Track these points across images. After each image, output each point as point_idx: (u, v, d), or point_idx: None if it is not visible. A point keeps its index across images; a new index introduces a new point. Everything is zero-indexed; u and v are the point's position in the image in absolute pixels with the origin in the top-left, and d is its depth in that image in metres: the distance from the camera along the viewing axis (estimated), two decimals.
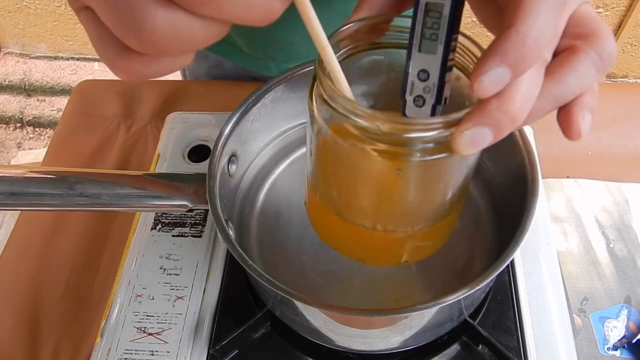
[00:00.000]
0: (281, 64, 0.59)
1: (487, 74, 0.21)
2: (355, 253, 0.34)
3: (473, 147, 0.22)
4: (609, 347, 0.42)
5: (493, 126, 0.22)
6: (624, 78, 1.60)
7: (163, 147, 0.53)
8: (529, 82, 0.22)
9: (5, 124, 1.60)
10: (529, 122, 0.24)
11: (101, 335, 0.42)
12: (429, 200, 0.29)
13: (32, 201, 0.36)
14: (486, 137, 0.22)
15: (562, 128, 0.25)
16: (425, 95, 0.25)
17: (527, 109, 0.22)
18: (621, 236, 0.48)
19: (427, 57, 0.24)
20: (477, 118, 0.22)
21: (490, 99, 0.22)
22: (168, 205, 0.38)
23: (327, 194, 0.31)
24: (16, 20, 1.68)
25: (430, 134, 0.24)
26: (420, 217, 0.30)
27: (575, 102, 0.24)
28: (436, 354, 0.41)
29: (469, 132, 0.22)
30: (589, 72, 0.24)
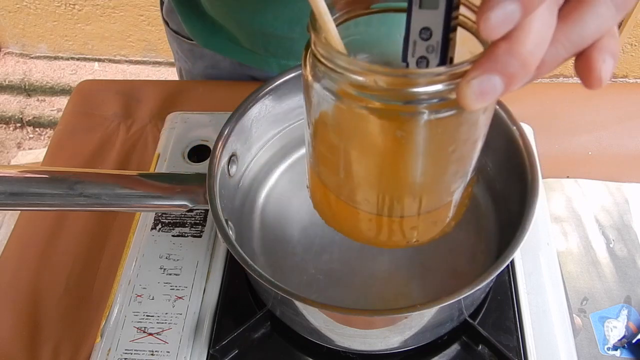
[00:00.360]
0: (281, 60, 0.59)
1: (495, 11, 0.18)
2: (362, 235, 0.31)
3: (482, 99, 0.20)
4: (609, 347, 0.42)
5: (503, 73, 0.20)
6: (624, 78, 1.60)
7: (163, 147, 0.53)
8: (541, 21, 0.20)
9: (5, 124, 1.60)
10: (543, 72, 0.22)
11: (101, 335, 0.42)
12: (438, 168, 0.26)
13: (32, 201, 0.36)
14: (496, 87, 0.20)
15: (581, 76, 0.22)
16: (429, 55, 0.23)
17: (539, 52, 0.20)
18: (621, 236, 0.48)
19: (428, 14, 0.22)
20: (485, 64, 0.20)
21: (499, 42, 0.20)
22: (168, 205, 0.38)
23: (328, 172, 0.29)
24: (16, 20, 1.68)
25: (434, 88, 0.21)
26: (429, 191, 0.27)
27: (595, 46, 0.22)
28: (436, 354, 0.41)
29: (476, 81, 0.20)
30: (607, 12, 0.21)
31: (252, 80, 0.64)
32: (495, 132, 0.40)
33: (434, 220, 0.30)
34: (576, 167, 0.53)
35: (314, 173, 0.31)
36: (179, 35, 0.64)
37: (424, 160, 0.26)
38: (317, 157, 0.29)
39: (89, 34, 1.69)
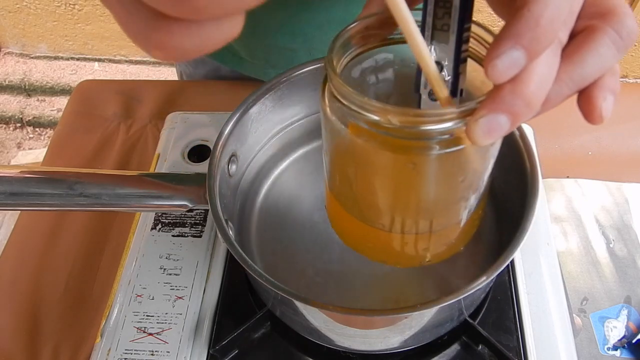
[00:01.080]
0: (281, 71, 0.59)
1: (501, 58, 0.20)
2: (377, 255, 0.33)
3: (489, 136, 0.21)
4: (609, 347, 0.42)
5: (508, 112, 0.21)
6: (624, 78, 1.60)
7: (163, 147, 0.53)
8: (544, 64, 0.21)
9: (5, 124, 1.60)
10: (547, 108, 0.23)
11: (101, 335, 0.42)
12: (448, 196, 0.28)
13: (32, 201, 0.36)
14: (502, 125, 0.21)
15: (584, 112, 0.24)
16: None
17: (543, 93, 0.21)
18: (621, 236, 0.48)
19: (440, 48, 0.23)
20: (491, 105, 0.21)
21: (504, 84, 0.21)
22: (168, 205, 0.38)
23: (345, 195, 0.31)
24: (16, 20, 1.68)
25: (444, 126, 0.23)
26: (441, 215, 0.29)
27: (596, 84, 0.23)
28: (436, 354, 0.41)
29: (483, 120, 0.21)
30: (608, 52, 0.22)
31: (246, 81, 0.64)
32: None
33: (446, 241, 0.31)
34: (576, 167, 0.53)
35: (331, 195, 0.32)
36: None
37: (435, 189, 0.27)
38: (333, 179, 0.31)
39: (89, 34, 1.69)
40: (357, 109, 0.24)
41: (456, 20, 0.22)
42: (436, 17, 0.23)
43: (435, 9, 0.23)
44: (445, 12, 0.23)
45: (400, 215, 0.29)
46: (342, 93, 0.24)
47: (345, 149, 0.27)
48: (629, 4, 1.37)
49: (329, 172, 0.31)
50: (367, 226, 0.30)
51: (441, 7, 0.23)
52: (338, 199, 0.31)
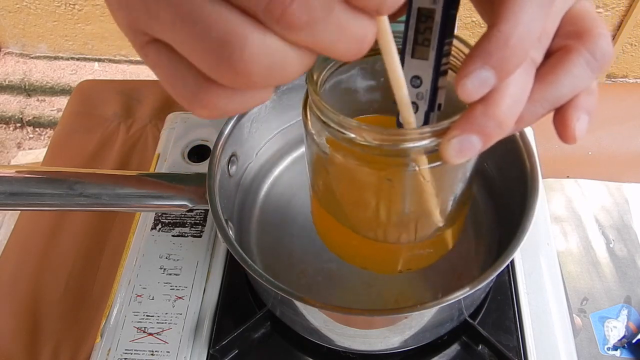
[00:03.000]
0: None
1: (470, 77, 0.20)
2: (358, 261, 0.34)
3: (462, 155, 0.22)
4: (609, 347, 0.42)
5: (480, 133, 0.21)
6: (624, 78, 1.60)
7: (163, 147, 0.53)
8: (516, 84, 0.21)
9: (5, 124, 1.60)
10: (521, 127, 0.23)
11: (101, 335, 0.42)
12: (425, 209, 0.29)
13: (32, 201, 0.36)
14: (474, 145, 0.21)
15: (558, 131, 0.24)
16: (419, 101, 0.24)
17: (515, 113, 0.21)
18: (621, 236, 0.48)
19: (419, 63, 0.24)
20: (463, 125, 0.21)
21: (476, 104, 0.21)
22: (168, 205, 0.38)
23: (327, 204, 0.31)
24: (16, 20, 1.68)
25: (419, 144, 0.23)
26: (420, 227, 0.30)
27: (570, 104, 0.23)
28: (436, 354, 0.41)
29: (455, 140, 0.21)
30: (582, 73, 0.23)
31: None
32: None
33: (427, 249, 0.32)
34: (576, 167, 0.53)
35: (315, 201, 0.33)
36: None
37: (412, 203, 0.28)
38: (316, 188, 0.32)
39: (89, 34, 1.69)
40: (335, 126, 0.24)
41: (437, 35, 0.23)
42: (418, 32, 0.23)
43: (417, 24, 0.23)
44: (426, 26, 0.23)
45: (380, 225, 0.30)
46: (320, 109, 0.25)
47: (325, 161, 0.27)
48: (628, 4, 1.37)
49: (312, 180, 0.32)
50: (348, 234, 0.31)
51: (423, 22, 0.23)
52: (321, 205, 0.32)
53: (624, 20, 1.41)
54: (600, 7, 1.39)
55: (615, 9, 1.40)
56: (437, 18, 0.22)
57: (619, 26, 1.44)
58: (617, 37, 1.46)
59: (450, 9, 0.22)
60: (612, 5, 1.38)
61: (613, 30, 1.46)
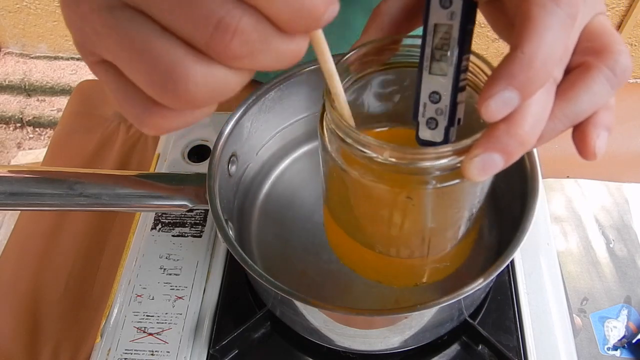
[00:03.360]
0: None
1: (494, 98, 0.20)
2: (372, 275, 0.34)
3: (484, 173, 0.22)
4: (609, 347, 0.42)
5: (502, 151, 0.21)
6: None
7: (163, 147, 0.53)
8: (538, 104, 0.21)
9: (5, 124, 1.60)
10: (541, 143, 0.24)
11: (101, 335, 0.42)
12: (443, 226, 0.29)
13: (32, 201, 0.36)
14: (496, 163, 0.21)
15: (578, 148, 0.24)
16: (438, 117, 0.24)
17: (537, 132, 0.22)
18: (621, 236, 0.48)
19: (437, 79, 0.24)
20: (486, 144, 0.21)
21: (499, 123, 0.21)
22: (168, 205, 0.38)
23: (341, 217, 0.31)
24: (16, 20, 1.68)
25: (440, 162, 0.23)
26: (435, 242, 0.30)
27: (590, 121, 0.24)
28: (436, 354, 0.41)
29: (478, 159, 0.21)
30: (602, 89, 0.23)
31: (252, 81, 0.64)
32: None
33: (441, 263, 0.32)
34: (576, 167, 0.53)
35: (328, 213, 0.33)
36: None
37: (430, 220, 0.28)
38: (330, 200, 0.32)
39: None
40: (353, 143, 0.24)
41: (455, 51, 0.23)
42: (435, 48, 0.23)
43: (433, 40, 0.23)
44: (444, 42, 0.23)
45: (395, 243, 0.30)
46: (338, 126, 0.24)
47: (341, 178, 0.27)
48: (628, 4, 1.37)
49: (326, 193, 0.31)
50: (362, 249, 0.31)
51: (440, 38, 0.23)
52: (335, 219, 0.32)
53: (624, 20, 1.41)
54: None
55: (615, 9, 1.40)
56: (454, 34, 0.22)
57: (619, 26, 1.44)
58: None
59: (468, 24, 0.22)
60: (612, 5, 1.38)
61: None
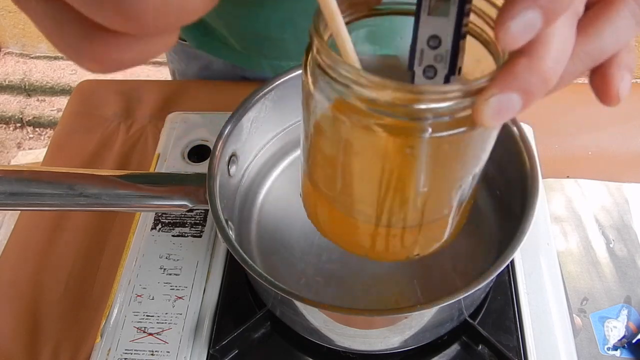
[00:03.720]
0: (273, 61, 0.59)
1: (515, 20, 0.17)
2: (360, 248, 0.30)
3: (500, 117, 0.19)
4: (609, 347, 0.42)
5: (522, 90, 0.19)
6: None
7: (163, 147, 0.53)
8: (561, 37, 0.19)
9: (5, 124, 1.60)
10: (560, 87, 0.21)
11: (101, 335, 0.42)
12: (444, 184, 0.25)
13: (32, 201, 0.36)
14: (514, 105, 0.19)
15: (599, 92, 0.22)
16: (437, 64, 0.22)
17: (560, 68, 0.19)
18: (621, 236, 0.48)
19: (438, 21, 0.21)
20: (504, 81, 0.19)
21: (519, 58, 0.19)
22: (168, 205, 0.38)
23: (326, 185, 0.28)
24: (16, 20, 1.68)
25: (449, 105, 0.20)
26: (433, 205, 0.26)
27: (613, 61, 0.21)
28: (436, 354, 0.41)
29: (494, 99, 0.19)
30: (627, 24, 0.21)
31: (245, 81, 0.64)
32: None
33: (435, 232, 0.29)
34: (576, 167, 0.53)
35: (308, 182, 0.29)
36: None
37: (430, 177, 0.25)
38: (313, 165, 0.28)
39: None
40: (348, 83, 0.21)
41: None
42: None
43: None
44: None
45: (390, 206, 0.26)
46: (330, 63, 0.21)
47: (330, 131, 0.24)
48: None
49: (308, 158, 0.28)
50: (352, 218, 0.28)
51: None
52: (318, 188, 0.28)
53: None
54: None
55: None
56: None
57: None
58: None
59: None
60: None
61: None
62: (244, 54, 0.59)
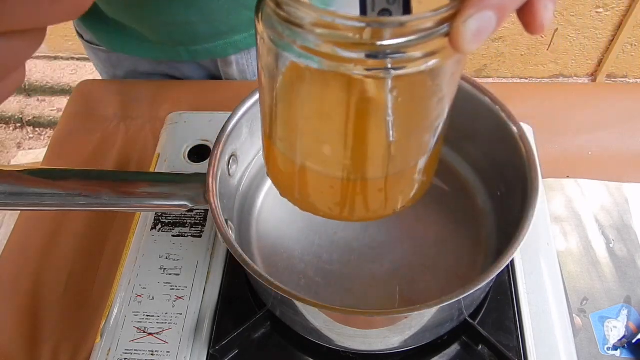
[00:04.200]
0: (189, 47, 0.59)
1: None
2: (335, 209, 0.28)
3: (479, 37, 0.19)
4: (609, 347, 0.42)
5: (497, 7, 0.19)
6: (624, 78, 1.60)
7: (163, 147, 0.53)
8: None
9: (5, 124, 1.60)
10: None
11: (101, 335, 0.42)
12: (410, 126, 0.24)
13: (32, 201, 0.36)
14: (492, 23, 0.19)
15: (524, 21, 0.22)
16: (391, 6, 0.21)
17: None
18: (621, 236, 0.48)
19: None
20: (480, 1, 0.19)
21: None
22: (168, 205, 0.38)
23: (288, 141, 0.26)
24: None
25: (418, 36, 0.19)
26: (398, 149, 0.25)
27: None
28: (436, 354, 0.41)
29: (473, 20, 0.19)
30: None
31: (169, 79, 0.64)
32: (495, 132, 0.40)
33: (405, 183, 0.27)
34: (576, 167, 0.53)
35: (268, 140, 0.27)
36: (93, 45, 0.65)
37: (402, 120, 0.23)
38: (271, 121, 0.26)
39: None
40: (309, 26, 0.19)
41: None
42: None
43: None
44: None
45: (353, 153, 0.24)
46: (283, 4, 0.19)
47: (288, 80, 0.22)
48: (628, 4, 1.37)
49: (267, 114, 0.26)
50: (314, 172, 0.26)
51: None
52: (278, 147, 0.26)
53: (624, 20, 1.41)
54: (600, 7, 1.39)
55: (615, 9, 1.40)
56: None
57: (619, 26, 1.44)
58: (617, 37, 1.46)
59: None
60: (612, 5, 1.38)
61: (613, 30, 1.46)
62: (159, 46, 0.60)
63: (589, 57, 1.54)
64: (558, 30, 1.46)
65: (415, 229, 0.44)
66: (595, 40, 1.49)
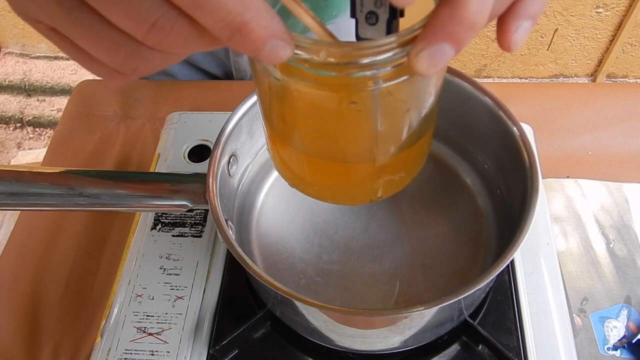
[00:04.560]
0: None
1: None
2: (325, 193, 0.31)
3: (434, 66, 0.20)
4: (609, 347, 0.42)
5: (451, 40, 0.19)
6: (624, 78, 1.60)
7: (163, 147, 0.53)
8: None
9: (5, 124, 1.60)
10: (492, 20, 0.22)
11: (101, 335, 0.42)
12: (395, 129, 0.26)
13: (32, 201, 0.36)
14: (447, 53, 0.20)
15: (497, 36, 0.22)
16: (378, 10, 0.22)
17: (486, 11, 0.19)
18: (621, 236, 0.48)
19: None
20: (432, 35, 0.19)
21: (441, 8, 0.19)
22: (168, 205, 0.38)
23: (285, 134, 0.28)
24: (16, 20, 1.68)
25: (384, 57, 0.20)
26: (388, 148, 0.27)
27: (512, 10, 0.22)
28: (436, 354, 0.41)
29: (425, 52, 0.19)
30: None
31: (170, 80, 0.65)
32: (495, 132, 0.40)
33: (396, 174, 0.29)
34: (576, 167, 0.53)
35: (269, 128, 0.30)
36: None
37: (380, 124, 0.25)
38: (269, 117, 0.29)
39: None
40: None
41: None
42: None
43: None
44: None
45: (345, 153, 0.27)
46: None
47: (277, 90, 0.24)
48: (628, 4, 1.37)
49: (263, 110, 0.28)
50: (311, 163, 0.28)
51: None
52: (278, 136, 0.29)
53: (624, 20, 1.41)
54: (601, 7, 1.39)
55: (615, 9, 1.40)
56: None
57: (619, 26, 1.44)
58: (617, 37, 1.46)
59: None
60: (612, 5, 1.38)
61: (613, 30, 1.46)
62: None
63: (589, 57, 1.54)
64: (558, 30, 1.46)
65: (415, 229, 0.44)
66: (595, 40, 1.49)
